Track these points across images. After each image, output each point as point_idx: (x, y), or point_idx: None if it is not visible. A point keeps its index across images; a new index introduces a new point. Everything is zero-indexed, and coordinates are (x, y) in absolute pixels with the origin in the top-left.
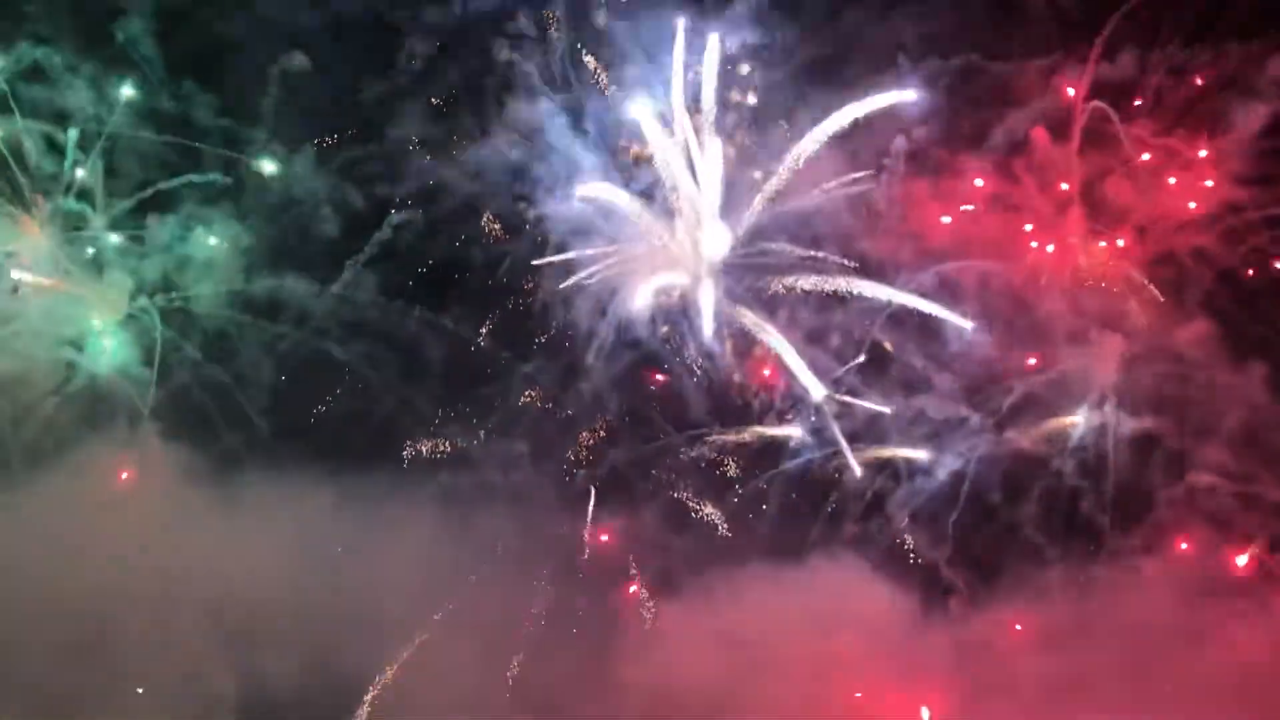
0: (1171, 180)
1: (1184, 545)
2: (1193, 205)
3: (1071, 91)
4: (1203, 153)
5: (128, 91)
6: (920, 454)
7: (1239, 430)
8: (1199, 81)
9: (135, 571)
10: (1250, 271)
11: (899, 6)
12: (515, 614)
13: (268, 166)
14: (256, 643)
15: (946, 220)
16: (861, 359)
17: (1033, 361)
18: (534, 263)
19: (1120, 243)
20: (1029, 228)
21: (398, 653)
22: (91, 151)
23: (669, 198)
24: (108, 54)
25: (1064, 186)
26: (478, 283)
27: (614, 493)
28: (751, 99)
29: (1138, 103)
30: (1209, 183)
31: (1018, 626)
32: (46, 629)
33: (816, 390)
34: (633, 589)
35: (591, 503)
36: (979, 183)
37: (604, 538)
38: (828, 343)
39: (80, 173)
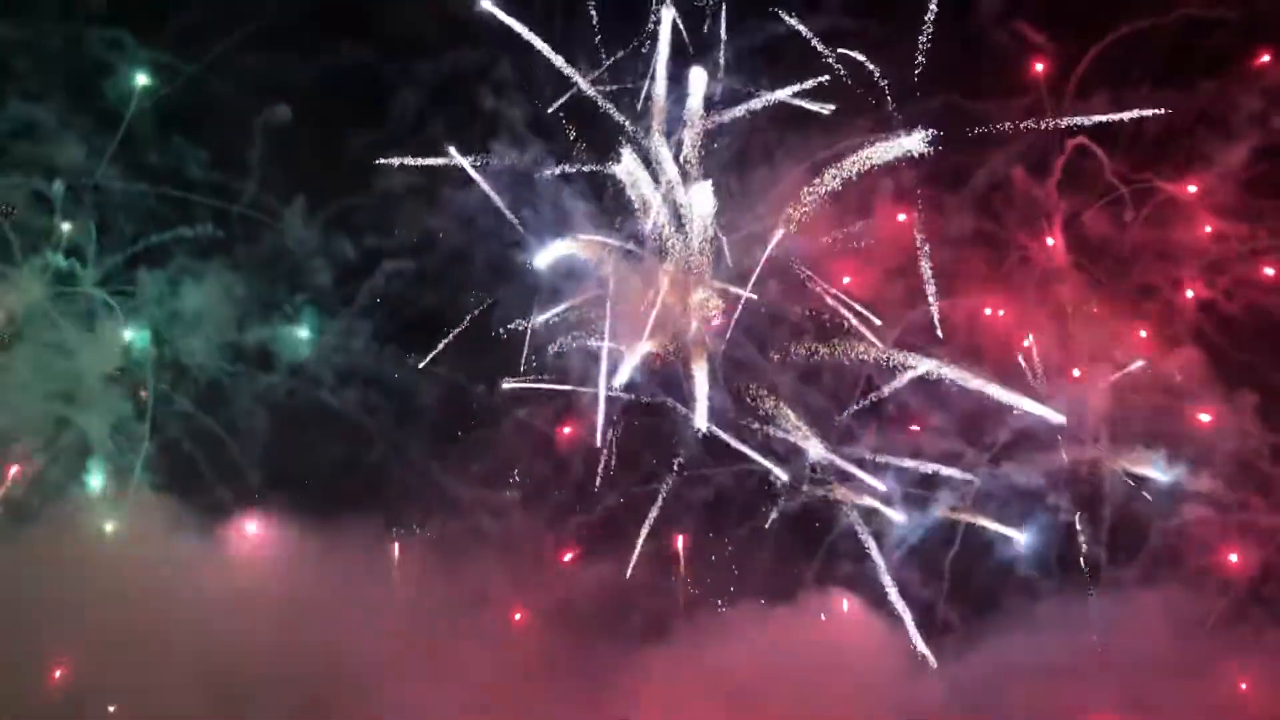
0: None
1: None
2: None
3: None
4: (1192, 188)
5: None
6: (898, 517)
7: (1230, 460)
8: (1172, 118)
9: (121, 623)
10: (1232, 302)
11: (876, 50)
12: (504, 661)
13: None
14: (243, 694)
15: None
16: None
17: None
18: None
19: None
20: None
21: (385, 703)
22: (81, 207)
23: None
24: (97, 109)
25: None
26: (470, 330)
27: (606, 536)
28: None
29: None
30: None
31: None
32: (30, 681)
33: (815, 449)
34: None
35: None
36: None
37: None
38: (821, 382)
39: (68, 227)
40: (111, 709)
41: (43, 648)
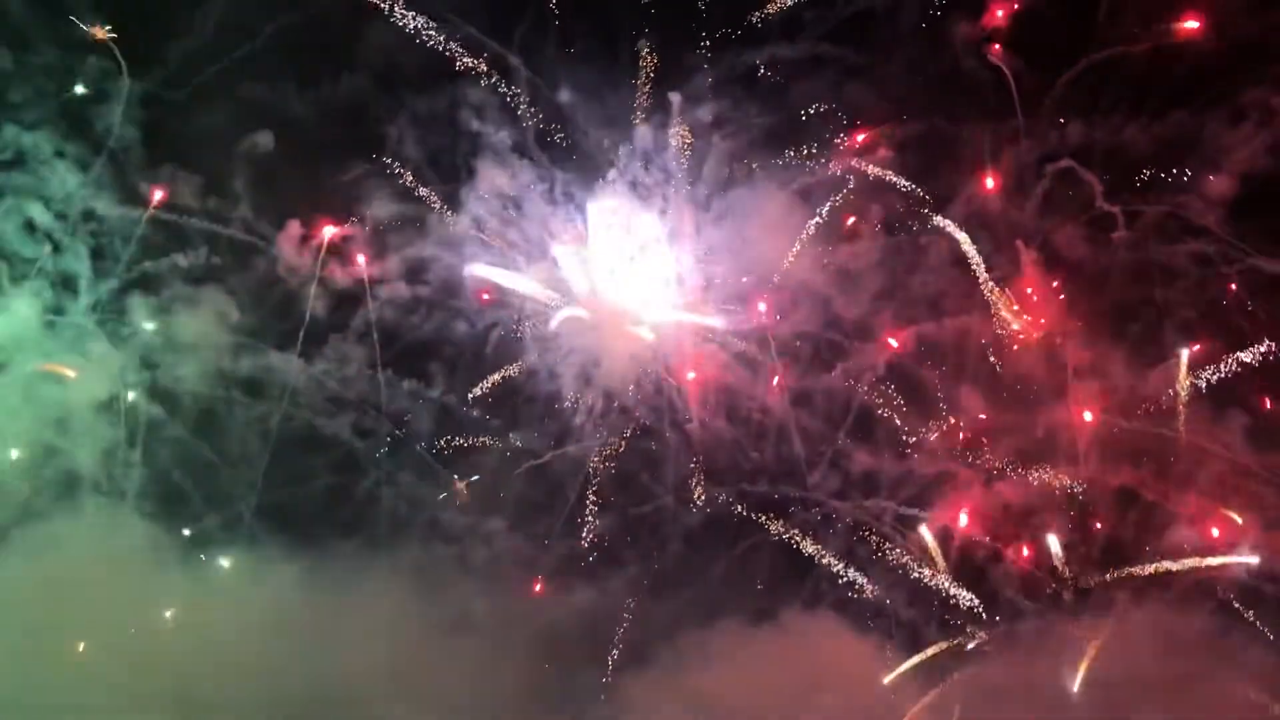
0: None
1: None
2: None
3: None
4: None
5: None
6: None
7: (1215, 479)
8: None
9: (104, 649)
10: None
11: (853, 77)
12: (489, 688)
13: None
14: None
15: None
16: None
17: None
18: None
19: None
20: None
21: None
22: (73, 235)
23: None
24: (90, 138)
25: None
26: (462, 353)
27: (595, 559)
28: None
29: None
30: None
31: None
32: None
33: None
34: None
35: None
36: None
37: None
38: (814, 404)
39: (60, 255)
40: None
41: (27, 672)
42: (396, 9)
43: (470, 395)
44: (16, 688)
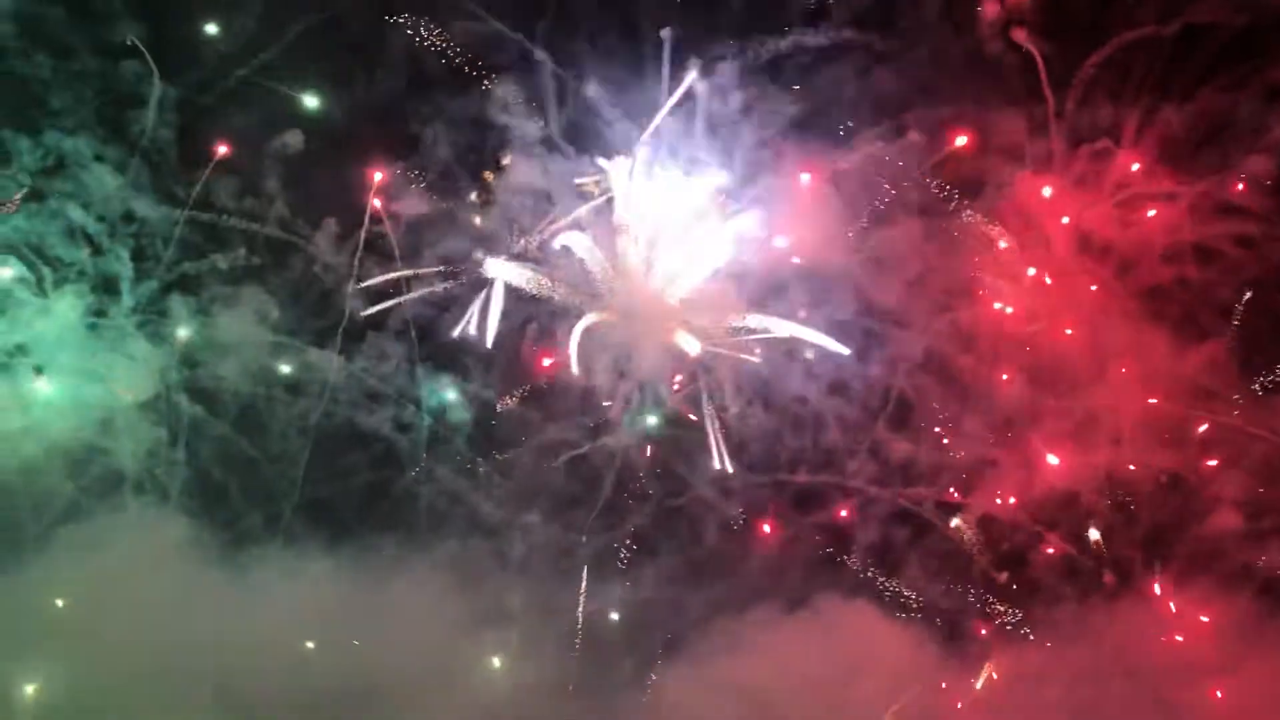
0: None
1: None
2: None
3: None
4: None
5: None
6: None
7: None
8: (1175, 123)
9: (146, 646)
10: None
11: (880, 63)
12: (526, 681)
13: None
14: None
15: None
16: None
17: None
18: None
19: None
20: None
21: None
22: (112, 238)
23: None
24: (128, 142)
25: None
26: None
27: (632, 551)
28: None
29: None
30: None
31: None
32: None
33: None
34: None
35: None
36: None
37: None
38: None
39: (101, 257)
40: None
41: (71, 669)
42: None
43: (506, 389)
44: (61, 684)
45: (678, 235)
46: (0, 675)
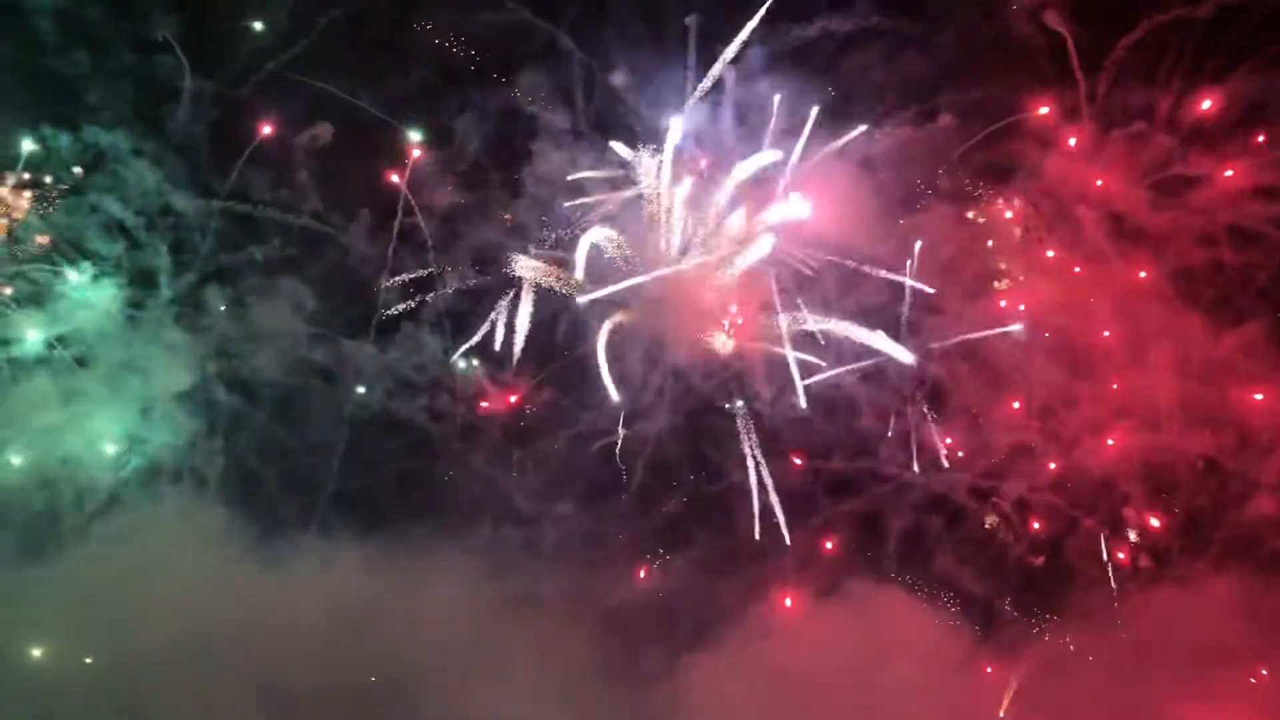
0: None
1: None
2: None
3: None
4: (1229, 172)
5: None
6: None
7: None
8: (1207, 104)
9: (186, 632)
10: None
11: (906, 48)
12: (558, 666)
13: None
14: (295, 702)
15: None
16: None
17: None
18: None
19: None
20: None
21: (439, 711)
22: (150, 231)
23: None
24: (164, 137)
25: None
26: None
27: (663, 537)
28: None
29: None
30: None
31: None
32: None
33: None
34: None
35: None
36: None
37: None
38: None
39: (140, 250)
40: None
41: (111, 654)
42: None
43: (538, 377)
44: (102, 669)
45: (711, 226)
46: (44, 660)
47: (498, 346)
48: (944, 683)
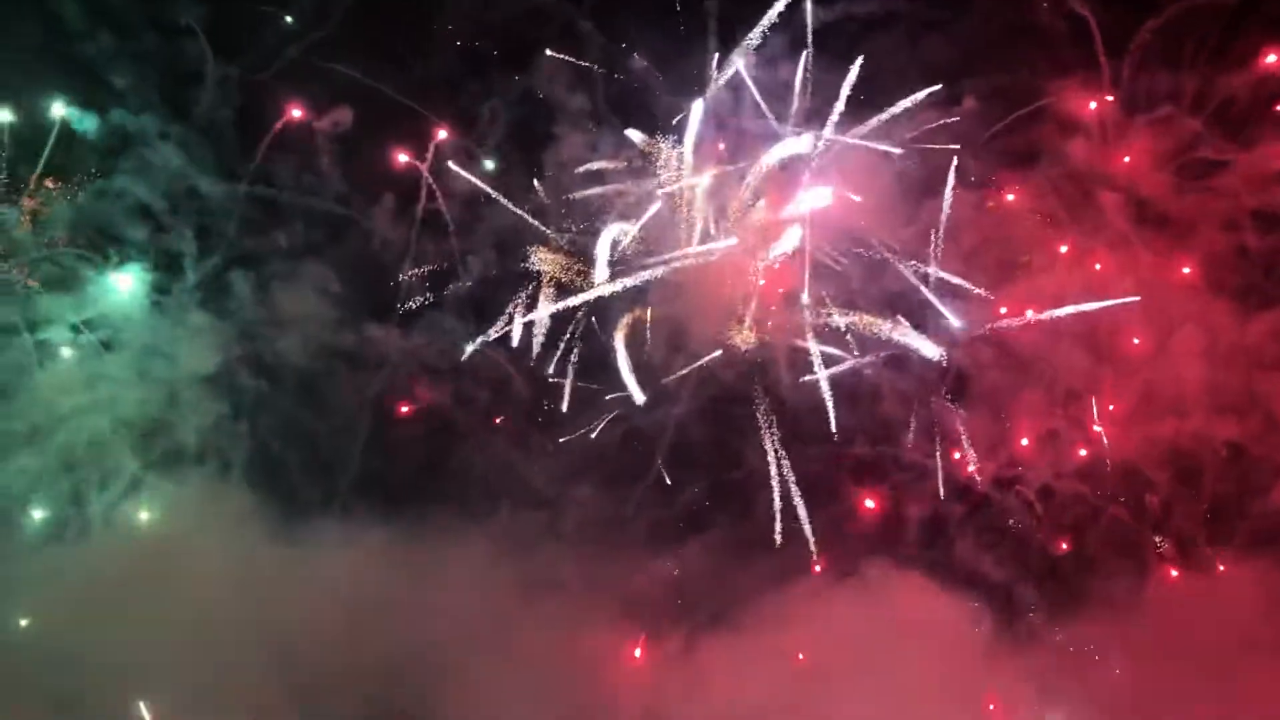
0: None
1: None
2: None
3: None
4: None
5: None
6: None
7: None
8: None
9: (207, 617)
10: None
11: (926, 33)
12: (577, 651)
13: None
14: (318, 686)
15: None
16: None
17: None
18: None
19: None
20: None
21: (459, 694)
22: (175, 215)
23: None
24: (189, 120)
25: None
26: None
27: (683, 522)
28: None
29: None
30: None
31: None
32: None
33: None
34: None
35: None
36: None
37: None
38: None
39: (165, 235)
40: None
41: (134, 638)
42: None
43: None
44: (125, 651)
45: (733, 216)
46: (68, 643)
47: (515, 342)
48: (963, 671)
